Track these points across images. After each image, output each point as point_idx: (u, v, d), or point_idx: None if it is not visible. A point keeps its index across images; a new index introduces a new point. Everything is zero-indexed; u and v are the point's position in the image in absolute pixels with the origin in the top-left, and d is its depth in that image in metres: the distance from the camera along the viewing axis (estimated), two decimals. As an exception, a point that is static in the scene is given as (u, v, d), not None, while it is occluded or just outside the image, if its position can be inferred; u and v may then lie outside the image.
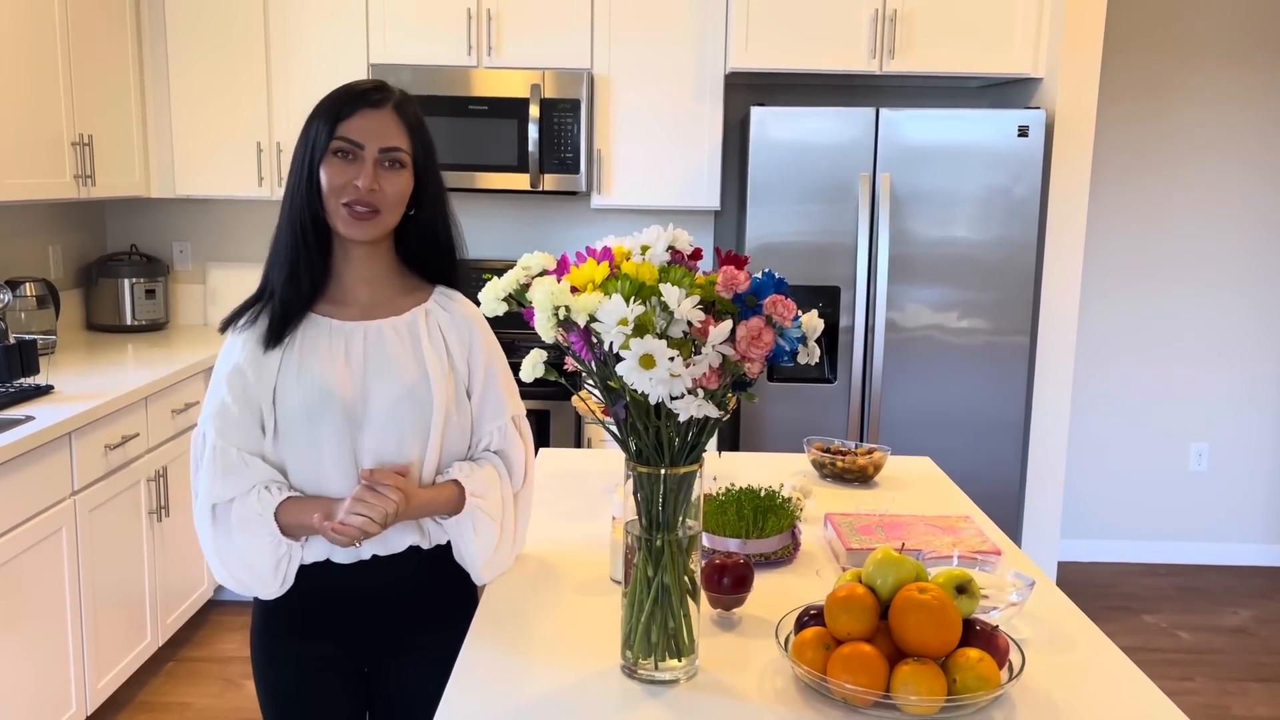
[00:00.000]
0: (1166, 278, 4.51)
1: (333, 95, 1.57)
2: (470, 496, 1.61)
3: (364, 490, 1.51)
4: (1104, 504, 4.65)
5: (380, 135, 1.55)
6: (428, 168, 1.61)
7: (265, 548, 1.56)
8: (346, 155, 1.54)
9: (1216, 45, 4.36)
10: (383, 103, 1.56)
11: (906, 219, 3.53)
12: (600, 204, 3.93)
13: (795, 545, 1.84)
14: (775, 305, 1.25)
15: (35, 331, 3.48)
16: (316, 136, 1.55)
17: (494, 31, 3.81)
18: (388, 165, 1.56)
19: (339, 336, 1.60)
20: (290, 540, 1.57)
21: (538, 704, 1.33)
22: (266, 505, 1.54)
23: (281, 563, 1.58)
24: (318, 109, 1.57)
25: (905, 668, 1.27)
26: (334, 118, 1.54)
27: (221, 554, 1.58)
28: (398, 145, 1.56)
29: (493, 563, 1.67)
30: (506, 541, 1.68)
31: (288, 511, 1.55)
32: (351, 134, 1.54)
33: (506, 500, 1.67)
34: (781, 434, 3.60)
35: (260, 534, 1.55)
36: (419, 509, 1.58)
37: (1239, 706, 3.46)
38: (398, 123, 1.57)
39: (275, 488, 1.56)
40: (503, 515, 1.65)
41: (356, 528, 1.48)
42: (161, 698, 3.28)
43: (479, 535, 1.63)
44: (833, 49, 3.65)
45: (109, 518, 3.01)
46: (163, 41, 3.87)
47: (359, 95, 1.56)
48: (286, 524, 1.55)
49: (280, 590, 1.61)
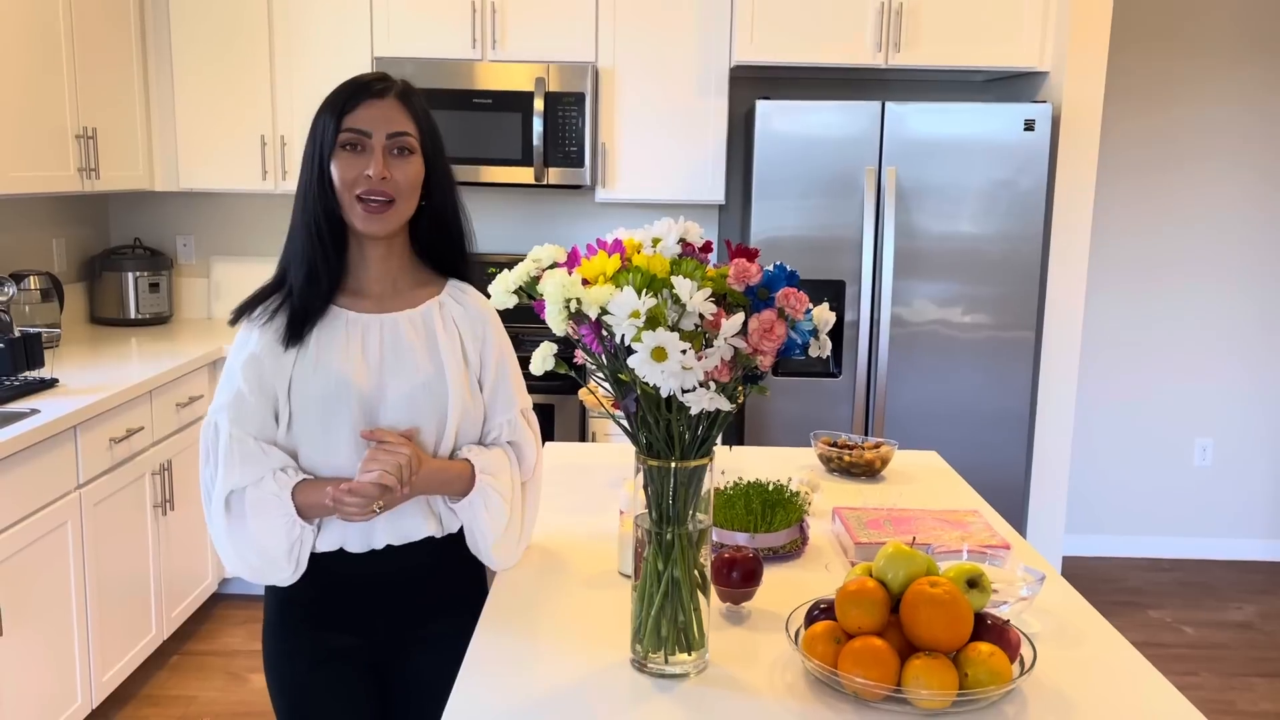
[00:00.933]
0: (1172, 272, 4.50)
1: (336, 90, 1.58)
2: (481, 474, 1.62)
3: (374, 449, 1.52)
4: (1108, 499, 4.64)
5: (386, 122, 1.55)
6: (436, 154, 1.62)
7: (279, 530, 1.56)
8: (355, 147, 1.55)
9: (1224, 39, 4.35)
10: (386, 91, 1.57)
11: (912, 213, 3.52)
12: (604, 198, 3.92)
13: (804, 539, 1.83)
14: (788, 298, 1.24)
15: (39, 325, 3.47)
16: (324, 132, 1.56)
17: (498, 24, 3.80)
18: (396, 152, 1.56)
19: (355, 329, 1.61)
20: (304, 523, 1.57)
21: (548, 697, 1.33)
22: (284, 485, 1.55)
23: (295, 546, 1.58)
24: (323, 106, 1.58)
25: (917, 662, 1.27)
26: (339, 111, 1.55)
27: (236, 542, 1.58)
28: (404, 130, 1.57)
29: (503, 543, 1.67)
30: (515, 525, 1.68)
31: (303, 492, 1.56)
32: (358, 124, 1.55)
33: (516, 485, 1.68)
34: (787, 428, 3.60)
35: (275, 516, 1.55)
36: (431, 476, 1.58)
37: (1243, 701, 3.45)
38: (402, 110, 1.58)
39: (291, 470, 1.57)
40: (512, 497, 1.66)
41: (372, 484, 1.48)
42: (166, 691, 3.29)
43: (490, 513, 1.63)
44: (838, 42, 3.64)
45: (114, 511, 3.01)
46: (166, 34, 3.86)
47: (362, 86, 1.57)
48: (302, 504, 1.56)
49: (294, 576, 1.61)
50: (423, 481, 1.57)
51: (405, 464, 1.51)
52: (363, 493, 1.49)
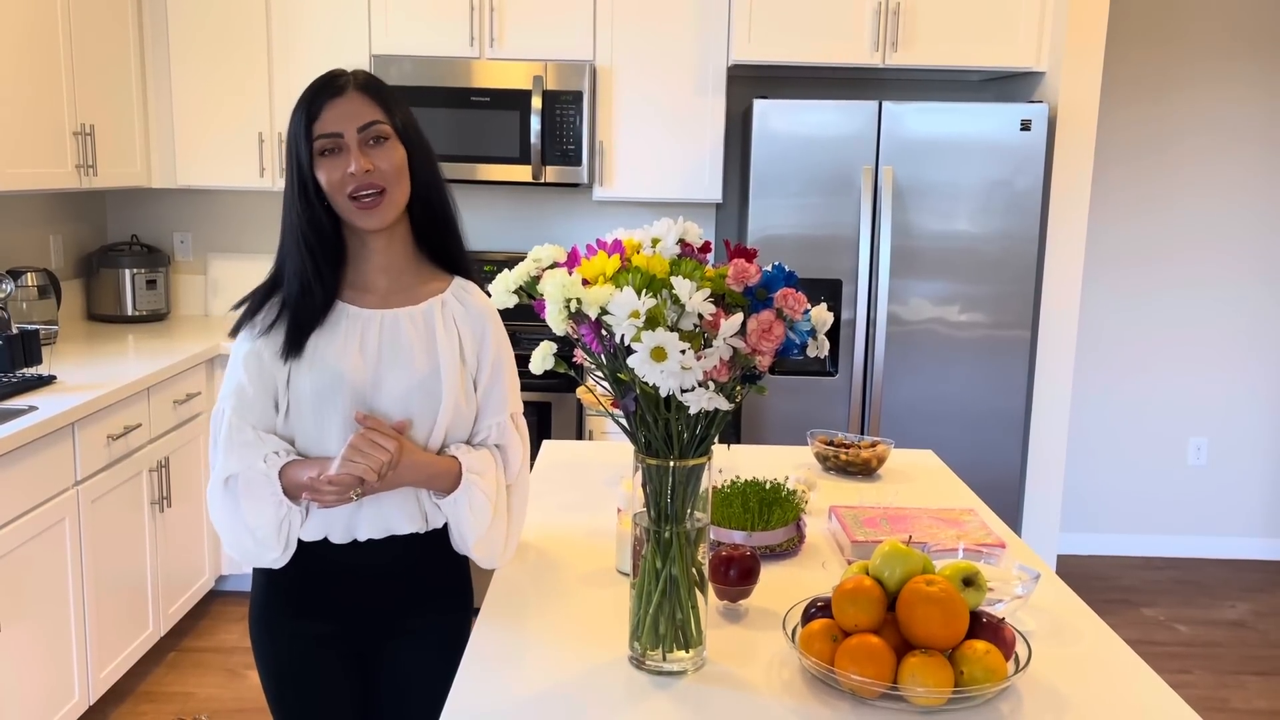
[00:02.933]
0: (1167, 272, 4.52)
1: (299, 99, 1.59)
2: (467, 473, 1.62)
3: (359, 438, 1.52)
4: (1103, 497, 4.66)
5: (354, 117, 1.56)
6: (413, 137, 1.62)
7: (268, 509, 1.58)
8: (332, 151, 1.56)
9: (1220, 39, 4.36)
10: (345, 87, 1.58)
11: (908, 212, 3.53)
12: (602, 196, 3.93)
13: (800, 538, 1.84)
14: (786, 298, 1.25)
15: (37, 321, 3.47)
16: (299, 146, 1.57)
17: (496, 22, 3.81)
18: (372, 142, 1.57)
19: (356, 323, 1.62)
20: (291, 503, 1.58)
21: (546, 694, 1.34)
22: (273, 465, 1.57)
23: (283, 525, 1.59)
24: (291, 117, 1.59)
25: (913, 659, 1.28)
26: (307, 121, 1.56)
27: (230, 523, 1.61)
28: (374, 119, 1.57)
29: (486, 542, 1.68)
30: (499, 526, 1.69)
31: (290, 472, 1.57)
32: (327, 127, 1.55)
33: (501, 487, 1.69)
34: (783, 427, 3.61)
35: (264, 495, 1.57)
36: (415, 469, 1.58)
37: (1237, 699, 3.47)
38: (367, 100, 1.58)
39: (283, 452, 1.59)
40: (496, 498, 1.67)
41: (352, 475, 1.49)
42: (164, 688, 3.29)
43: (474, 512, 1.64)
44: (835, 42, 3.65)
45: (111, 508, 3.01)
46: (164, 31, 3.86)
47: (321, 88, 1.58)
48: (288, 484, 1.57)
49: (284, 557, 1.62)
50: (409, 473, 1.58)
51: (387, 462, 1.51)
52: (341, 483, 1.50)
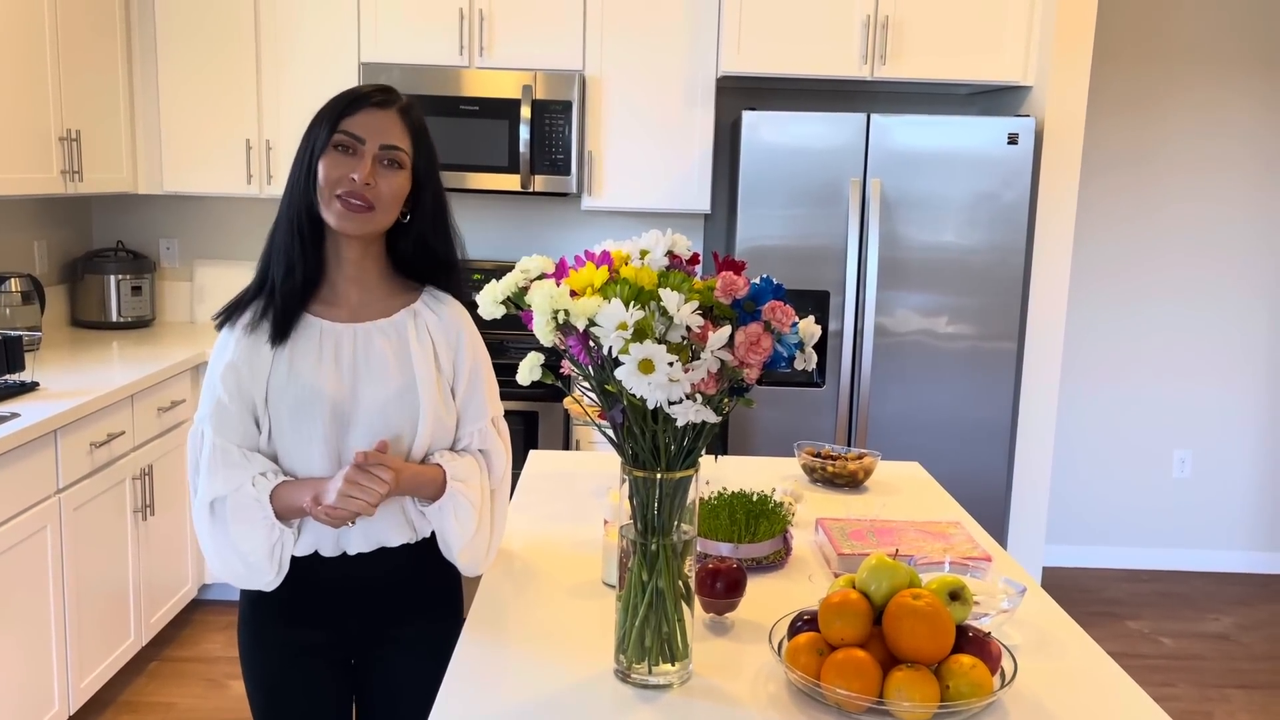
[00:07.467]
0: (1152, 285, 4.54)
1: (337, 96, 1.60)
2: (452, 480, 1.63)
3: (355, 472, 1.52)
4: (1088, 510, 4.68)
5: (382, 133, 1.56)
6: (428, 175, 1.63)
7: (260, 534, 1.57)
8: (347, 149, 1.56)
9: (1206, 54, 4.40)
10: (387, 104, 1.59)
11: (896, 224, 3.54)
12: (590, 205, 3.93)
13: (787, 550, 1.84)
14: (774, 311, 1.25)
15: (20, 327, 3.45)
16: (318, 133, 1.57)
17: (486, 32, 3.81)
18: (386, 164, 1.57)
19: (329, 338, 1.62)
20: (284, 526, 1.58)
21: (531, 707, 1.33)
22: (263, 489, 1.56)
23: (276, 549, 1.59)
24: (322, 109, 1.59)
25: (899, 674, 1.28)
26: (337, 115, 1.57)
27: (219, 548, 1.60)
28: (398, 145, 1.58)
29: (471, 548, 1.68)
30: (484, 532, 1.69)
31: (281, 495, 1.57)
32: (353, 129, 1.56)
33: (485, 492, 1.69)
34: (770, 438, 3.61)
35: (256, 519, 1.56)
36: (406, 483, 1.59)
37: (1220, 713, 3.48)
38: (400, 124, 1.59)
39: (271, 474, 1.58)
40: (481, 504, 1.67)
41: (350, 511, 1.51)
42: (145, 698, 3.26)
43: (459, 519, 1.64)
44: (824, 54, 3.66)
45: (93, 516, 2.99)
46: (152, 37, 3.84)
47: (364, 95, 1.59)
48: (280, 508, 1.57)
49: (277, 580, 1.62)
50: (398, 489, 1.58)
51: (385, 493, 1.53)
52: (338, 516, 1.52)
